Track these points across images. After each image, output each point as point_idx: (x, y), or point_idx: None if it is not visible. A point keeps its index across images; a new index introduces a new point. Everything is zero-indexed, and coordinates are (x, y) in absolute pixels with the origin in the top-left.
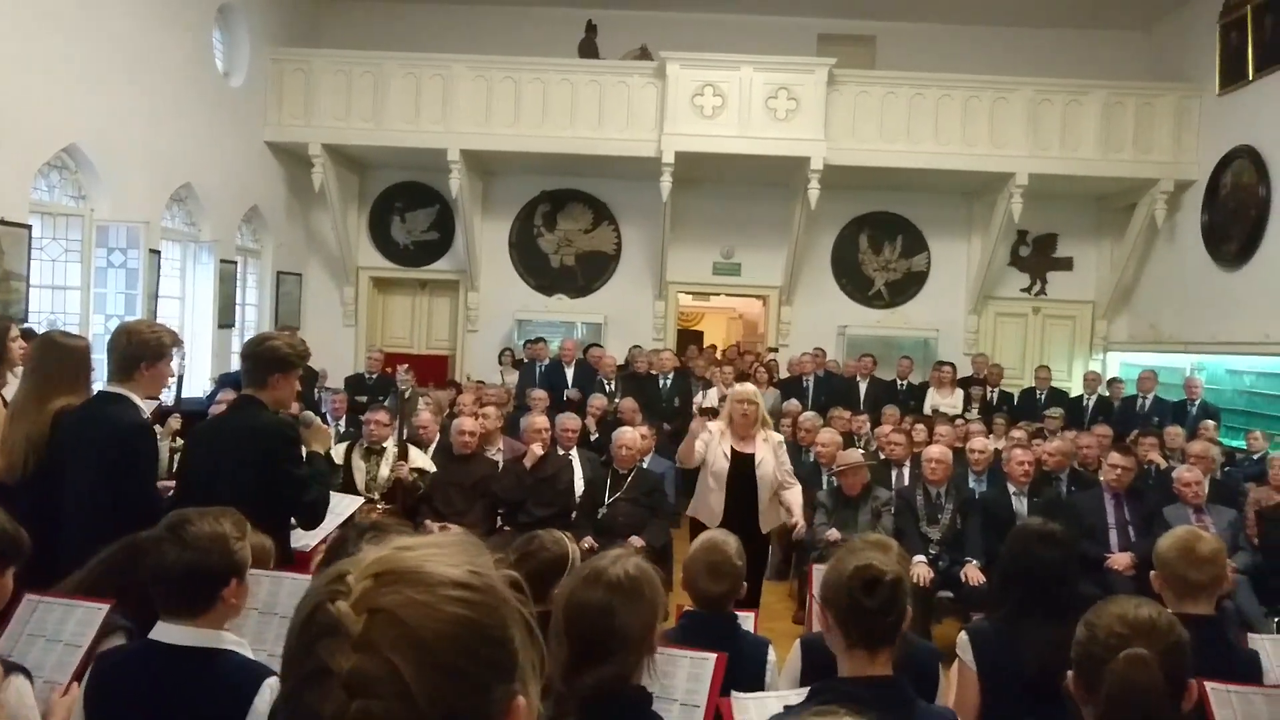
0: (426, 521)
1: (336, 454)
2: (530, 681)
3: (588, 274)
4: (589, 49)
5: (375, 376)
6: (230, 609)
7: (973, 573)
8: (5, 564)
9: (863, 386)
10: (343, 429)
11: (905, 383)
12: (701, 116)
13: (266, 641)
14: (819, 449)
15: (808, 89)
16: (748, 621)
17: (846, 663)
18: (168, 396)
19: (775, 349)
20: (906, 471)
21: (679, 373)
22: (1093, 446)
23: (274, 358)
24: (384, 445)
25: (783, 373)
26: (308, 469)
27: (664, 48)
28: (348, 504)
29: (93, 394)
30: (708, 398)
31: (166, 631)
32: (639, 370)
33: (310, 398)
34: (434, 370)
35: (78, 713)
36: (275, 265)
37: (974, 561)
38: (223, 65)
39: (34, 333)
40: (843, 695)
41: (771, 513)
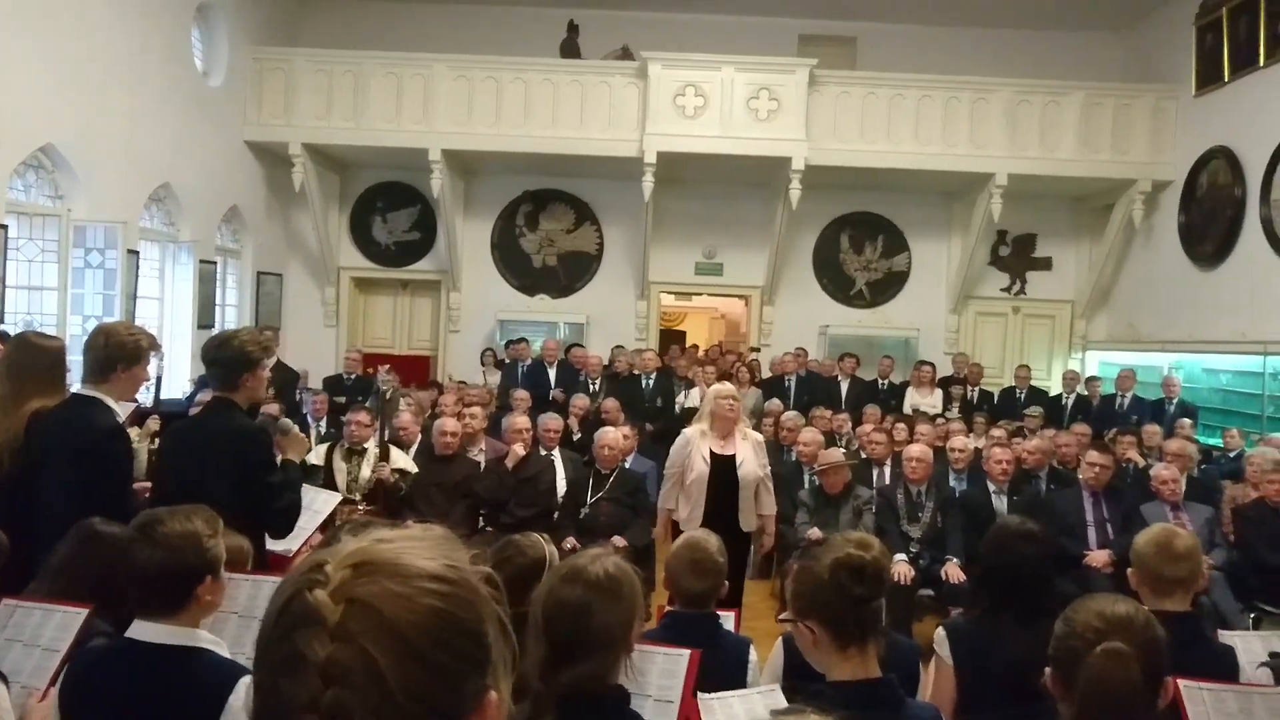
0: (409, 523)
1: (318, 455)
2: (503, 678)
3: (570, 274)
4: (570, 49)
5: (354, 377)
6: (206, 606)
7: (953, 571)
8: None
9: (844, 386)
10: (324, 430)
11: (886, 382)
12: (683, 116)
13: (246, 645)
14: (801, 448)
15: (789, 89)
16: (728, 621)
17: (843, 666)
18: (146, 398)
19: (757, 349)
20: (888, 470)
21: (661, 373)
22: (1071, 445)
23: (241, 358)
24: (365, 446)
25: (765, 372)
26: (281, 476)
27: (646, 48)
28: (325, 500)
29: (68, 396)
30: (690, 397)
31: (142, 630)
32: (620, 370)
33: (292, 399)
34: (416, 371)
35: (54, 713)
36: (255, 265)
37: (954, 560)
38: (202, 64)
39: (8, 335)
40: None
41: (753, 512)
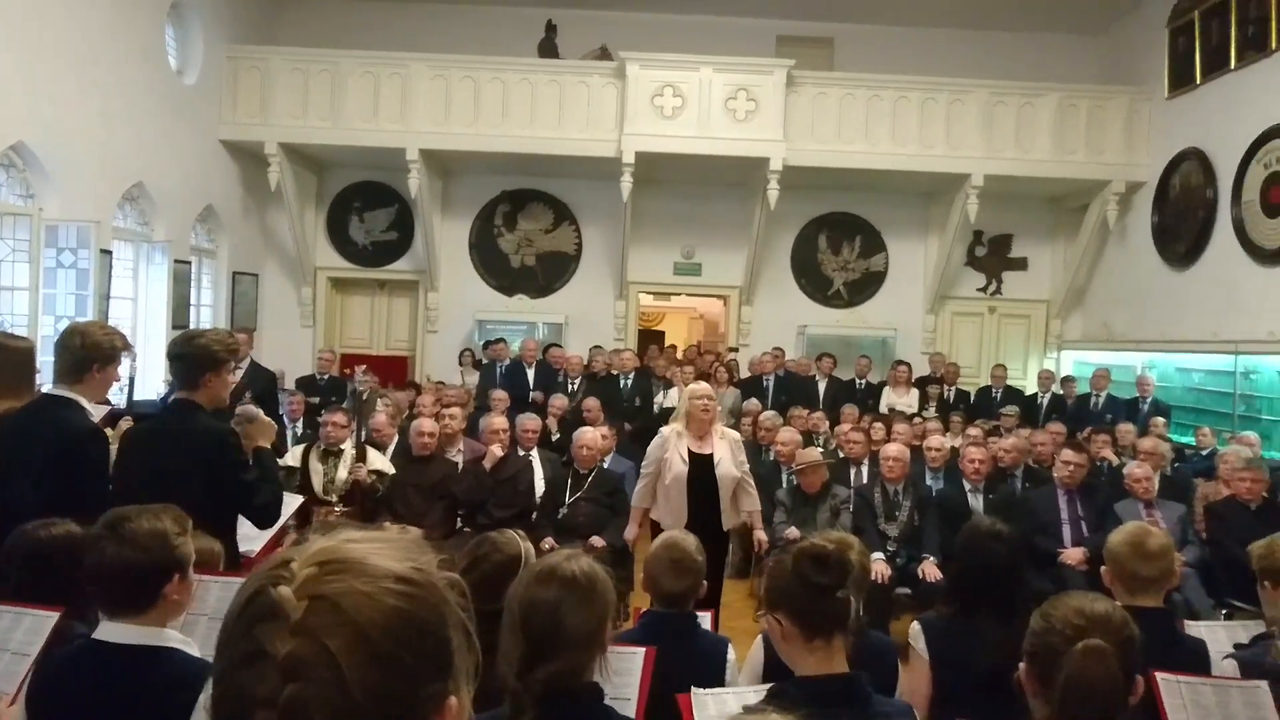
0: (386, 524)
1: (294, 456)
2: (464, 683)
3: (548, 274)
4: (549, 49)
5: (327, 377)
6: (173, 606)
7: (930, 569)
8: None
9: (822, 386)
10: (300, 431)
11: (864, 382)
12: (661, 117)
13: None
14: (779, 448)
15: (767, 90)
16: (705, 621)
17: (808, 660)
18: (120, 399)
19: (735, 349)
20: (865, 470)
21: (640, 373)
22: (1047, 444)
23: (205, 357)
24: (342, 447)
25: (743, 372)
26: (255, 470)
27: (624, 48)
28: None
29: (36, 396)
30: (668, 397)
31: (110, 630)
32: (597, 371)
33: (271, 399)
34: (394, 371)
35: (21, 717)
36: (231, 265)
37: (931, 558)
38: (176, 62)
39: None
40: (803, 695)
41: (732, 511)
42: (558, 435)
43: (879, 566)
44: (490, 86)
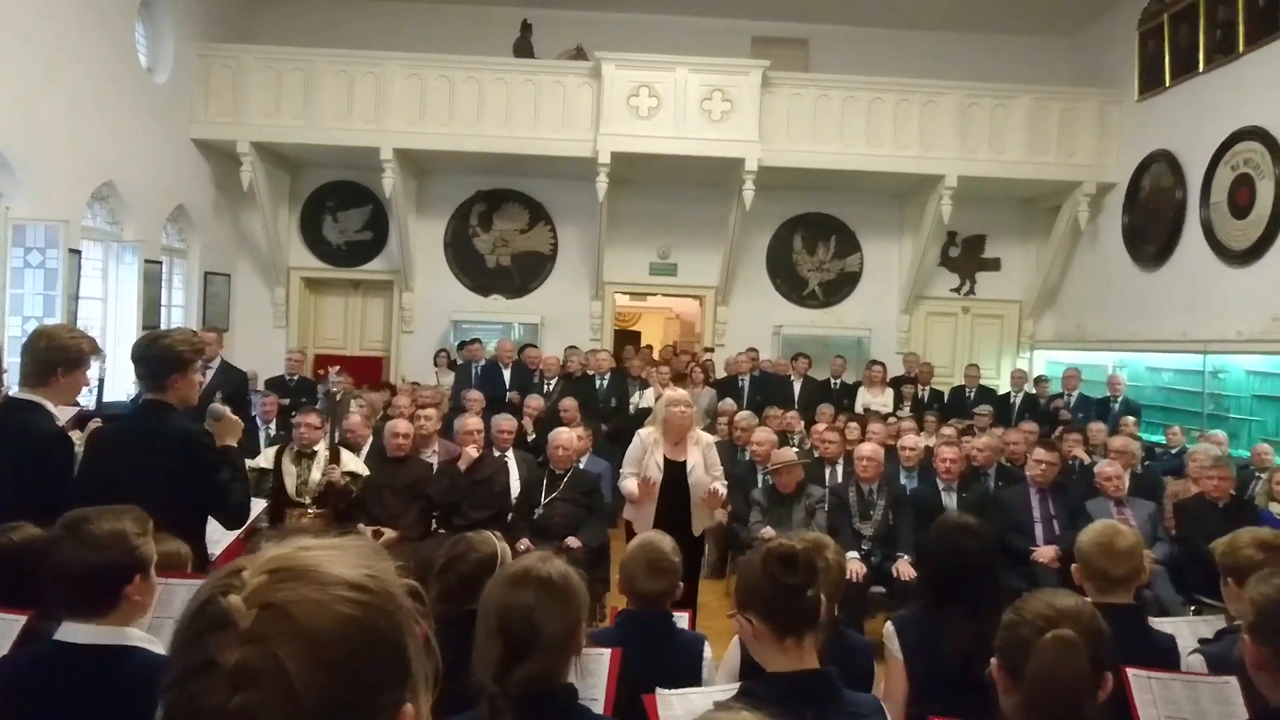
0: (360, 526)
1: (267, 458)
2: (421, 693)
3: (524, 274)
4: (524, 48)
5: (296, 378)
6: (136, 606)
7: (904, 567)
8: None
9: (797, 386)
10: (273, 433)
11: (839, 382)
12: (637, 117)
13: None
14: (754, 448)
15: (742, 91)
16: (682, 621)
17: (780, 659)
18: (89, 401)
19: (711, 349)
20: (840, 469)
21: (615, 373)
22: (1019, 443)
23: (170, 358)
24: (315, 449)
25: (719, 372)
26: (227, 470)
27: (599, 48)
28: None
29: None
30: (644, 398)
31: (71, 631)
32: (573, 371)
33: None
34: (368, 372)
35: None
36: (203, 265)
37: (905, 557)
38: (146, 60)
39: None
40: (773, 692)
41: (703, 514)
42: (533, 436)
43: (854, 565)
44: (465, 86)
